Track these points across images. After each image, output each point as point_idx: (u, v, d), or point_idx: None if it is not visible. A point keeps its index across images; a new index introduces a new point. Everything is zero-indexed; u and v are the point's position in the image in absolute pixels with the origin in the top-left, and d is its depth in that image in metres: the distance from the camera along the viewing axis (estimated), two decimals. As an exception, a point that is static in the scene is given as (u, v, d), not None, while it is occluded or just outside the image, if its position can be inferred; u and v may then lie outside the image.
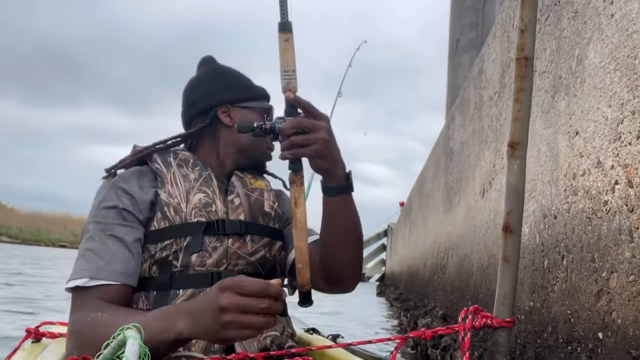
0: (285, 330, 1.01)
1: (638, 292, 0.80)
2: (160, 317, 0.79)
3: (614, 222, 0.89)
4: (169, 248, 0.94)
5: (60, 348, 0.99)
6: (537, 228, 1.32)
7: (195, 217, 0.96)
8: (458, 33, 11.02)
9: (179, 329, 0.76)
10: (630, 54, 0.87)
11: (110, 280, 0.89)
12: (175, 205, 0.96)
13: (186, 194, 0.98)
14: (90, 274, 0.88)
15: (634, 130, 0.84)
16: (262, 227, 1.04)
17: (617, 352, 0.85)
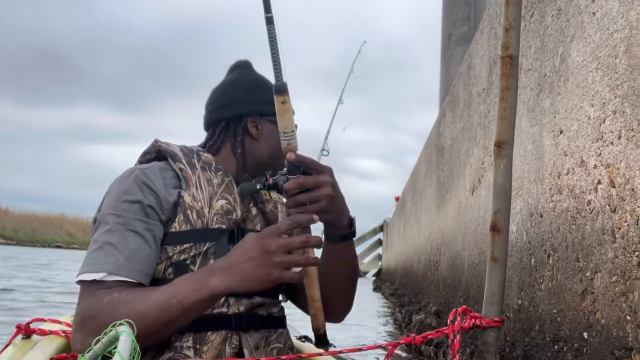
0: (287, 342, 1.02)
1: (621, 292, 0.80)
2: (189, 280, 0.82)
3: (597, 221, 0.89)
4: (188, 252, 0.93)
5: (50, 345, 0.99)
6: (524, 226, 1.32)
7: (216, 223, 0.96)
8: (450, 27, 11.00)
9: (213, 284, 0.80)
10: (612, 53, 0.86)
11: (130, 278, 0.87)
12: (199, 210, 0.95)
13: (209, 199, 0.97)
14: (110, 268, 0.86)
15: (616, 130, 0.84)
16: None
17: (601, 352, 0.85)
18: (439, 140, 3.37)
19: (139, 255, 0.88)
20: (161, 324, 0.81)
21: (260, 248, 0.79)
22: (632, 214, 0.77)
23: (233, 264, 0.81)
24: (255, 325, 0.95)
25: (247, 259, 0.80)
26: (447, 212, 2.90)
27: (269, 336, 0.97)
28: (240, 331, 0.93)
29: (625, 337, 0.77)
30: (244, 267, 0.80)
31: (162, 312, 0.80)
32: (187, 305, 0.80)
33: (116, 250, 0.87)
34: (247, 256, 0.80)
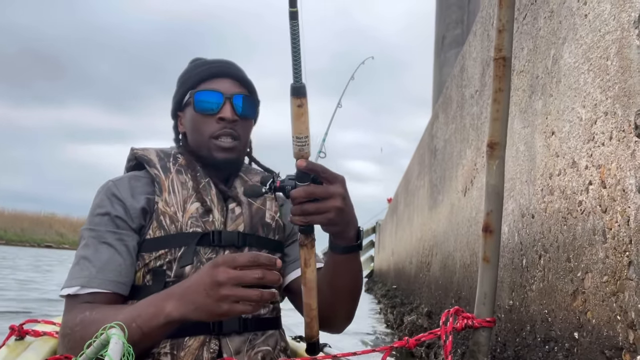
0: (278, 344, 1.00)
1: (612, 292, 0.80)
2: (148, 304, 0.80)
3: (588, 222, 0.90)
4: (163, 258, 0.93)
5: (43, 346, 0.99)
6: (515, 227, 1.33)
7: (191, 227, 0.95)
8: (444, 30, 11.06)
9: (168, 311, 0.78)
10: (603, 55, 0.87)
11: (101, 289, 0.89)
12: (172, 215, 0.95)
13: (183, 203, 0.96)
14: (82, 282, 0.89)
15: (607, 131, 0.84)
16: (261, 239, 1.02)
17: (592, 352, 0.86)
18: (432, 142, 3.38)
19: (110, 266, 0.90)
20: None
21: (209, 278, 0.75)
22: (622, 214, 0.78)
23: (186, 291, 0.78)
24: (237, 329, 0.93)
25: (197, 288, 0.76)
26: (439, 213, 2.90)
27: (254, 339, 0.95)
28: (220, 335, 0.92)
29: (616, 337, 0.78)
30: (194, 297, 0.76)
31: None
32: (147, 331, 0.79)
33: (89, 263, 0.90)
34: (197, 285, 0.76)
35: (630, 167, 0.76)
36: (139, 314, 0.79)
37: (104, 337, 0.66)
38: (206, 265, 0.78)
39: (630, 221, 0.75)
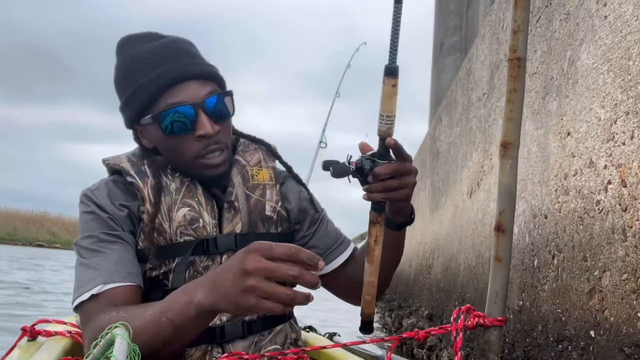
0: (288, 337, 0.97)
1: (632, 290, 0.81)
2: (179, 294, 0.73)
3: (607, 221, 0.90)
4: (158, 269, 0.89)
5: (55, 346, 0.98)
6: (526, 228, 1.33)
7: (181, 236, 0.89)
8: (442, 36, 11.11)
9: (198, 299, 0.69)
10: (625, 55, 0.88)
11: (125, 282, 0.84)
12: (157, 226, 0.88)
13: (168, 211, 0.89)
14: (103, 279, 0.83)
15: (628, 130, 0.85)
16: (261, 236, 0.95)
17: (609, 349, 0.86)
18: (435, 145, 3.39)
19: (125, 259, 0.86)
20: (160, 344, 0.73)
21: (238, 265, 0.66)
22: (644, 212, 0.78)
23: (216, 277, 0.70)
24: (240, 334, 0.91)
25: (226, 274, 0.67)
26: (441, 215, 2.91)
27: (260, 340, 0.93)
28: (223, 342, 0.89)
29: (636, 334, 0.78)
30: (222, 284, 0.68)
31: (154, 333, 0.73)
32: (179, 323, 0.72)
33: (103, 261, 0.85)
34: (226, 271, 0.68)
35: (654, 165, 0.76)
36: (169, 307, 0.73)
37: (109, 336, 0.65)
38: (240, 251, 0.69)
39: (653, 219, 0.76)
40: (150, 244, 0.88)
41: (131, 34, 0.93)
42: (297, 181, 1.06)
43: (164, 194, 0.90)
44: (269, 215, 0.97)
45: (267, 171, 1.00)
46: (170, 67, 0.87)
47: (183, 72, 0.87)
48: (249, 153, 1.00)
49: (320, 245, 1.04)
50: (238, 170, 0.97)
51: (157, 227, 0.88)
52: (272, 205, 0.98)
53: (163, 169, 0.92)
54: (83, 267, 0.86)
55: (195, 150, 0.88)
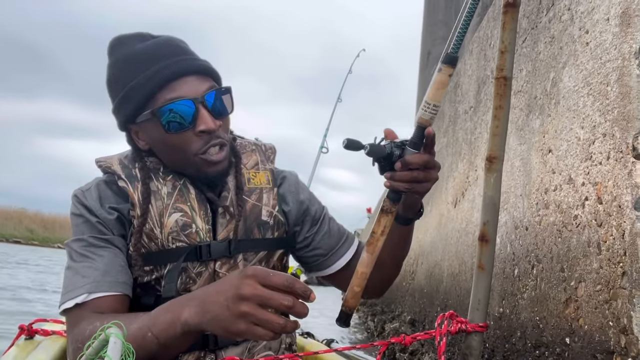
0: (283, 342, 0.97)
1: (605, 300, 0.87)
2: (166, 310, 0.72)
3: (583, 235, 0.96)
4: (150, 274, 0.88)
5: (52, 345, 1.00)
6: (508, 238, 1.40)
7: (173, 242, 0.87)
8: (429, 45, 11.29)
9: (184, 318, 0.68)
10: (603, 81, 0.94)
11: (111, 291, 0.83)
12: (148, 232, 0.87)
13: (159, 217, 0.87)
14: (89, 288, 0.82)
15: (605, 151, 0.91)
16: (257, 242, 0.94)
17: (583, 355, 0.92)
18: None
19: (113, 267, 0.85)
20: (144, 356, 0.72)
21: (233, 289, 0.65)
22: (618, 228, 0.84)
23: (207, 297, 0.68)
24: (233, 340, 0.90)
25: (218, 297, 0.66)
26: (427, 223, 2.97)
27: (253, 347, 0.92)
28: (216, 349, 0.89)
29: (608, 342, 0.84)
30: (213, 306, 0.66)
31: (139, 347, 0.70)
32: (163, 340, 0.70)
33: (91, 268, 0.84)
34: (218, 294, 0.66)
35: (627, 185, 0.82)
36: (154, 323, 0.71)
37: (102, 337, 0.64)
38: (234, 273, 0.68)
39: (626, 235, 0.82)
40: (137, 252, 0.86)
41: (122, 34, 0.92)
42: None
43: (155, 199, 0.88)
44: (265, 220, 0.95)
45: (264, 174, 0.98)
46: (167, 63, 0.85)
47: (181, 67, 0.85)
48: (246, 155, 0.99)
49: (324, 246, 1.02)
50: (234, 174, 0.95)
51: (148, 232, 0.87)
52: (269, 210, 0.96)
53: (155, 173, 0.90)
54: (71, 272, 0.85)
55: (197, 146, 0.86)
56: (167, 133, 0.85)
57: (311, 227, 1.03)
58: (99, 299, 0.82)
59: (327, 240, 1.04)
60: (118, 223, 0.88)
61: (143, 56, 0.86)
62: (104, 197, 0.89)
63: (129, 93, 0.86)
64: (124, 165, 0.91)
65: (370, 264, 0.86)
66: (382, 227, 0.85)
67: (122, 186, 0.89)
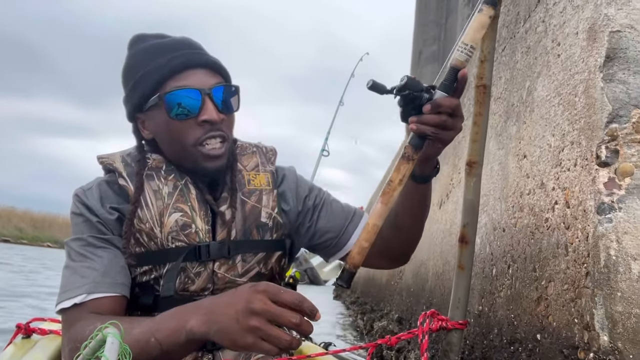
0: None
1: (571, 299, 0.92)
2: (171, 316, 0.73)
3: (553, 237, 1.02)
4: (149, 274, 0.88)
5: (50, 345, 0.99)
6: (487, 239, 1.45)
7: (173, 242, 0.88)
8: (421, 45, 11.37)
9: (190, 326, 0.69)
10: (572, 92, 1.00)
11: (110, 292, 0.83)
12: (148, 231, 0.87)
13: (159, 216, 0.87)
14: (88, 288, 0.82)
15: (572, 158, 0.97)
16: (256, 243, 0.94)
17: (551, 351, 0.98)
18: (408, 155, 3.52)
19: (113, 268, 0.85)
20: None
21: (244, 302, 0.66)
22: (582, 231, 0.90)
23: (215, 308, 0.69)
24: None
25: (227, 309, 0.67)
26: (413, 223, 3.03)
27: None
28: (214, 349, 0.89)
29: (573, 337, 0.90)
30: (221, 318, 0.67)
31: (140, 351, 0.71)
32: (167, 348, 0.71)
33: (90, 268, 0.84)
34: (228, 306, 0.68)
35: (591, 191, 0.88)
36: (159, 328, 0.72)
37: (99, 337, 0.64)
38: (245, 286, 0.69)
39: (589, 237, 0.87)
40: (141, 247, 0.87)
41: (142, 32, 0.95)
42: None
43: (155, 198, 0.88)
44: (264, 221, 0.95)
45: (264, 175, 0.99)
46: (178, 54, 0.87)
47: (191, 59, 0.87)
48: (246, 157, 0.99)
49: (333, 228, 1.01)
50: (234, 175, 0.96)
51: (148, 232, 0.87)
52: (268, 212, 0.96)
53: (157, 172, 0.91)
54: (69, 271, 0.85)
55: (197, 136, 0.86)
56: (170, 119, 0.86)
57: (313, 213, 1.02)
58: (97, 300, 0.82)
59: (334, 222, 1.02)
60: (118, 223, 0.88)
61: (157, 49, 0.89)
62: (105, 197, 0.89)
63: (140, 80, 0.88)
64: (126, 163, 0.92)
65: (382, 215, 0.78)
66: (401, 176, 0.79)
67: (122, 185, 0.89)
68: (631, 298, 0.81)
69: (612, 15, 0.89)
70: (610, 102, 0.87)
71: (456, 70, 0.76)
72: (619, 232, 0.83)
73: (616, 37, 0.88)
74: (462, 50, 0.76)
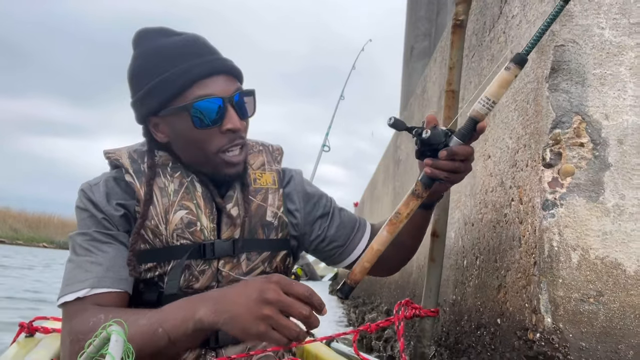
0: None
1: (522, 286, 1.03)
2: (179, 307, 0.74)
3: (510, 230, 1.13)
4: (153, 270, 0.88)
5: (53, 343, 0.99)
6: (460, 233, 1.56)
7: (177, 239, 0.88)
8: (412, 41, 11.46)
9: (199, 316, 0.71)
10: (525, 99, 1.10)
11: (114, 288, 0.83)
12: (153, 228, 0.87)
13: (165, 213, 0.88)
14: (92, 282, 0.82)
15: (525, 159, 1.08)
16: (261, 242, 0.95)
17: (509, 333, 1.08)
18: (396, 153, 3.63)
19: (118, 263, 0.85)
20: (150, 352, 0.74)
21: (257, 292, 0.68)
22: (532, 225, 1.01)
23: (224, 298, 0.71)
24: (234, 340, 0.91)
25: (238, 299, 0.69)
26: (400, 219, 3.14)
27: (253, 347, 0.93)
28: (217, 347, 0.90)
29: (524, 320, 1.00)
30: (232, 307, 0.69)
31: (147, 342, 0.73)
32: (174, 337, 0.72)
33: (95, 263, 0.84)
34: (239, 295, 0.70)
35: (538, 189, 0.99)
36: (166, 318, 0.73)
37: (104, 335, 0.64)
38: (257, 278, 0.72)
39: (536, 231, 0.98)
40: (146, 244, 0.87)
41: (146, 27, 0.93)
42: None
43: (161, 196, 0.88)
44: (269, 221, 0.96)
45: (270, 175, 1.00)
46: (199, 61, 0.86)
47: (213, 67, 0.87)
48: (252, 155, 1.00)
49: (341, 237, 1.05)
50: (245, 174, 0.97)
51: (153, 228, 0.87)
52: (274, 211, 0.97)
53: (163, 169, 0.91)
54: (73, 265, 0.85)
55: (220, 144, 0.87)
56: (194, 128, 0.86)
57: (323, 220, 1.04)
58: (100, 295, 0.82)
59: (342, 231, 1.06)
60: (124, 220, 0.88)
61: (172, 52, 0.87)
62: (112, 194, 0.89)
63: (158, 86, 0.86)
64: (132, 159, 0.91)
65: (387, 242, 0.86)
66: (409, 210, 0.86)
67: (129, 181, 0.89)
68: (571, 284, 0.92)
69: (557, 31, 1.00)
70: (554, 110, 0.98)
71: (475, 122, 0.82)
72: (560, 225, 0.93)
73: (560, 50, 0.98)
74: (485, 104, 0.81)
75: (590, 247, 0.92)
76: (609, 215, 0.93)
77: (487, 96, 0.80)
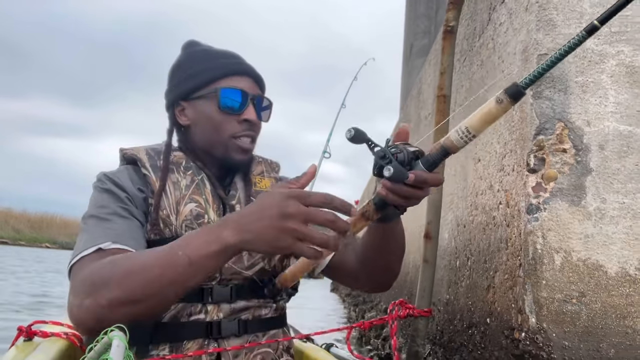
0: (281, 343, 1.00)
1: (509, 287, 1.07)
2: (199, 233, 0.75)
3: (498, 233, 1.16)
4: None
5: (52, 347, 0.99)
6: (453, 234, 1.60)
7: (186, 230, 0.92)
8: (412, 39, 11.46)
9: (224, 236, 0.71)
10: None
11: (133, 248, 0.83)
12: (165, 218, 0.93)
13: (176, 205, 0.94)
14: (114, 237, 0.83)
15: (511, 164, 1.11)
16: None
17: (497, 332, 1.12)
18: (394, 152, 3.66)
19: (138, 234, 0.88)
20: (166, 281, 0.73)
21: (277, 208, 0.69)
22: (517, 228, 1.04)
23: (244, 219, 0.72)
24: (235, 332, 0.93)
25: (261, 216, 0.70)
26: (398, 218, 3.18)
27: (254, 341, 0.96)
28: (218, 339, 0.92)
29: (511, 320, 1.04)
30: (254, 225, 0.70)
31: (167, 266, 0.72)
32: (196, 259, 0.72)
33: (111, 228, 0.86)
34: (261, 213, 0.70)
35: (523, 193, 1.02)
36: (188, 243, 0.73)
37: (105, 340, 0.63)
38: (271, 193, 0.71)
39: (522, 234, 1.01)
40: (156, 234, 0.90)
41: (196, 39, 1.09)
42: None
43: (174, 189, 0.95)
44: None
45: (269, 180, 1.08)
46: (235, 61, 1.02)
47: (245, 68, 1.03)
48: (253, 163, 1.10)
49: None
50: (242, 176, 1.05)
51: (165, 218, 0.92)
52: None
53: (177, 166, 0.98)
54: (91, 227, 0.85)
55: (235, 130, 0.98)
56: (218, 110, 0.98)
57: None
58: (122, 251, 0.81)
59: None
60: (144, 203, 0.93)
61: (211, 54, 1.03)
62: (134, 180, 0.95)
63: (193, 74, 1.00)
64: (150, 156, 0.98)
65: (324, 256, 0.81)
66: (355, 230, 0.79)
67: (145, 174, 0.95)
68: (554, 285, 0.95)
69: (541, 40, 1.03)
70: (538, 117, 1.01)
71: (447, 152, 0.73)
72: (544, 229, 0.97)
73: (544, 59, 1.01)
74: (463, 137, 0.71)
75: (573, 249, 0.95)
76: (590, 219, 0.96)
77: (467, 127, 0.70)
